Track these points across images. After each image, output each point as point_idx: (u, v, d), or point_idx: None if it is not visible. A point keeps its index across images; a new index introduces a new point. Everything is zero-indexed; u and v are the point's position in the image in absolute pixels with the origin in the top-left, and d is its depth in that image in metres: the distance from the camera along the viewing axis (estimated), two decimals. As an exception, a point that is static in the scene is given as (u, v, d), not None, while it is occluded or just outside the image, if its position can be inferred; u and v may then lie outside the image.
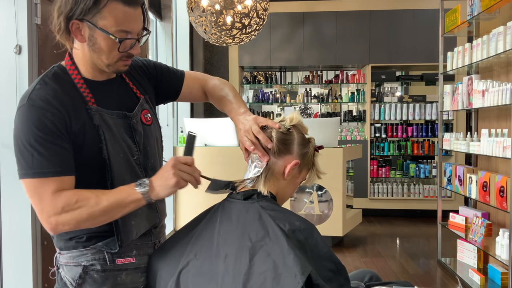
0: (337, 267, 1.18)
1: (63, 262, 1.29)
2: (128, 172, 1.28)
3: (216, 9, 3.95)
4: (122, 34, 1.19)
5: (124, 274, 1.29)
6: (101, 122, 1.23)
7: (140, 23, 1.23)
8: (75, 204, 1.15)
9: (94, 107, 1.23)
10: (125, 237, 1.25)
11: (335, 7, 6.11)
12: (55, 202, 1.15)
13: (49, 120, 1.16)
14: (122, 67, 1.26)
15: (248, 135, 1.29)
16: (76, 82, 1.25)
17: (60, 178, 1.16)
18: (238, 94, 1.48)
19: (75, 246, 1.27)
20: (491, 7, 3.25)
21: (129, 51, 1.23)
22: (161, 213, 1.39)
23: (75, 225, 1.17)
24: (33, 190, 1.16)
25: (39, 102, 1.17)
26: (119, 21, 1.18)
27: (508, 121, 3.37)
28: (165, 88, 1.50)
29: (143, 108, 1.36)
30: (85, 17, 1.17)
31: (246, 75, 6.61)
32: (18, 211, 2.45)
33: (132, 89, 1.37)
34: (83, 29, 1.19)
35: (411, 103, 6.07)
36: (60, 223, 1.16)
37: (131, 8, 1.19)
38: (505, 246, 2.97)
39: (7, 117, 2.41)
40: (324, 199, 4.20)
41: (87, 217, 1.16)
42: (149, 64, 1.48)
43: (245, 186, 1.31)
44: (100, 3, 1.16)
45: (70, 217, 1.15)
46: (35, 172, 1.15)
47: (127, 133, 1.30)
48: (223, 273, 1.16)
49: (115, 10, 1.17)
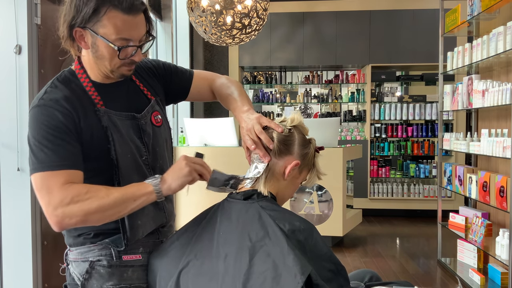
0: (337, 267, 1.18)
1: (72, 259, 1.32)
2: (135, 173, 1.30)
3: (216, 9, 3.95)
4: (123, 42, 1.21)
5: (131, 271, 1.31)
6: (109, 123, 1.26)
7: (141, 29, 1.24)
8: (85, 194, 1.16)
9: (102, 109, 1.26)
10: (131, 235, 1.27)
11: (335, 7, 6.11)
12: (64, 193, 1.15)
13: (58, 119, 1.19)
14: (126, 71, 1.28)
15: (250, 134, 1.30)
16: (85, 85, 1.28)
17: (69, 172, 1.18)
18: (244, 92, 1.49)
19: (83, 242, 1.29)
20: (491, 7, 3.25)
21: (131, 58, 1.25)
22: (168, 214, 1.41)
23: (82, 218, 1.16)
24: (42, 183, 1.17)
25: (49, 102, 1.21)
26: (119, 29, 1.19)
27: (508, 121, 3.37)
28: (175, 88, 1.52)
29: (154, 110, 1.38)
30: (86, 25, 1.19)
31: (246, 75, 6.61)
32: (18, 211, 2.45)
33: (143, 91, 1.40)
34: (86, 36, 1.22)
35: (411, 103, 6.07)
36: (67, 215, 1.15)
37: (131, 16, 1.20)
38: (505, 246, 2.97)
39: (7, 117, 2.41)
40: (324, 199, 4.20)
41: (96, 208, 1.16)
42: (158, 64, 1.50)
43: (245, 186, 1.31)
44: (99, 11, 1.17)
45: (78, 208, 1.15)
46: (44, 166, 1.17)
47: (135, 134, 1.32)
48: (223, 273, 1.16)
49: (115, 18, 1.18)
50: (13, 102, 2.40)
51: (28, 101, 2.41)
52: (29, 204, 2.44)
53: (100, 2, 1.17)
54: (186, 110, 5.71)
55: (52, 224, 1.17)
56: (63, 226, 1.17)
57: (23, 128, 2.40)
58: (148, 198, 1.21)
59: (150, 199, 1.21)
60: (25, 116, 2.40)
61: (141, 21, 1.23)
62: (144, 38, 1.26)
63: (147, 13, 1.25)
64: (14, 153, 2.43)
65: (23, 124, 2.40)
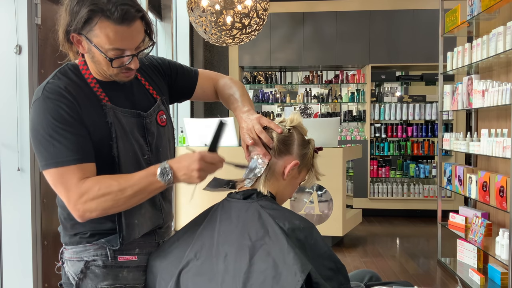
0: (337, 266, 1.18)
1: (68, 257, 1.31)
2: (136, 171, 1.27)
3: (216, 9, 3.95)
4: (116, 51, 1.18)
5: (126, 271, 1.30)
6: (114, 119, 1.24)
7: (137, 38, 1.20)
8: (98, 191, 1.17)
9: (109, 105, 1.25)
10: (127, 235, 1.27)
11: (335, 7, 6.11)
12: (80, 191, 1.16)
13: (64, 110, 1.18)
14: (124, 78, 1.26)
15: (250, 134, 1.30)
16: (89, 81, 1.26)
17: (81, 166, 1.18)
18: (246, 93, 1.48)
19: (79, 242, 1.29)
20: (491, 7, 3.25)
21: (127, 65, 1.22)
22: (166, 215, 1.40)
23: (101, 212, 1.19)
24: (58, 180, 1.18)
25: (53, 94, 1.19)
26: (111, 40, 1.16)
27: (508, 121, 3.37)
28: (179, 87, 1.51)
29: (159, 109, 1.38)
30: (81, 31, 1.17)
31: (246, 75, 6.61)
32: (18, 211, 2.45)
33: (148, 90, 1.39)
34: (83, 41, 1.20)
35: (411, 103, 6.07)
36: (87, 210, 1.18)
37: (124, 26, 1.15)
38: (505, 246, 2.97)
39: (7, 117, 2.42)
40: (324, 199, 4.20)
41: (112, 204, 1.18)
42: (164, 63, 1.49)
43: (245, 185, 1.32)
44: (91, 21, 1.15)
45: (95, 205, 1.17)
46: (57, 162, 1.16)
47: (139, 132, 1.31)
48: (223, 273, 1.16)
49: (106, 29, 1.15)
50: (13, 102, 2.40)
51: (28, 101, 2.41)
52: (29, 204, 2.45)
53: (91, 13, 1.14)
54: (186, 110, 5.71)
55: (75, 217, 1.20)
56: (86, 218, 1.20)
57: (23, 128, 2.40)
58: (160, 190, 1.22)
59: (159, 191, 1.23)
60: (25, 116, 2.40)
61: (137, 29, 1.19)
62: (142, 45, 1.23)
63: (145, 19, 1.21)
64: (14, 153, 2.43)
65: (23, 124, 2.40)
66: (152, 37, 1.25)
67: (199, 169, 1.17)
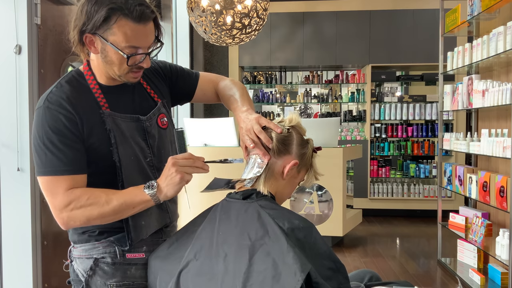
0: (336, 265, 1.18)
1: (76, 255, 1.35)
2: (139, 174, 1.32)
3: (216, 9, 3.95)
4: (132, 49, 1.23)
5: (134, 269, 1.33)
6: (113, 126, 1.28)
7: (151, 37, 1.27)
8: (87, 200, 1.21)
9: (107, 112, 1.28)
10: (135, 236, 1.30)
11: (335, 7, 6.11)
12: (67, 199, 1.21)
13: (62, 122, 1.22)
14: (131, 79, 1.31)
15: (249, 134, 1.31)
16: (92, 87, 1.30)
17: (72, 177, 1.22)
18: (246, 93, 1.51)
19: (88, 240, 1.33)
20: (491, 7, 3.25)
21: (139, 64, 1.27)
22: (172, 214, 1.44)
23: (85, 222, 1.23)
24: (47, 187, 1.22)
25: (54, 105, 1.23)
26: (129, 38, 1.21)
27: (508, 121, 3.37)
28: (180, 90, 1.54)
29: (160, 112, 1.41)
30: (97, 31, 1.21)
31: (246, 75, 6.61)
32: (18, 211, 2.45)
33: (150, 93, 1.42)
34: (96, 42, 1.24)
35: (411, 103, 6.07)
36: (72, 219, 1.22)
37: (141, 25, 1.22)
38: (505, 246, 2.97)
39: (7, 117, 2.42)
40: (324, 199, 4.20)
41: (97, 215, 1.22)
42: (165, 66, 1.52)
43: (245, 185, 1.32)
44: (110, 20, 1.19)
45: (81, 214, 1.21)
46: (48, 170, 1.21)
47: (140, 136, 1.34)
48: (223, 273, 1.16)
49: (125, 27, 1.20)
50: (13, 102, 2.40)
51: (28, 101, 2.41)
52: (29, 204, 2.45)
53: (111, 11, 1.19)
54: (186, 110, 5.71)
55: (59, 224, 1.25)
56: (69, 227, 1.26)
57: (23, 128, 2.40)
58: (146, 205, 1.25)
59: (149, 205, 1.25)
60: (25, 116, 2.40)
61: (151, 29, 1.26)
62: (153, 45, 1.28)
63: (156, 20, 1.28)
64: (14, 153, 2.43)
65: (23, 124, 2.40)
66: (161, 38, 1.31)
67: (176, 169, 1.20)
